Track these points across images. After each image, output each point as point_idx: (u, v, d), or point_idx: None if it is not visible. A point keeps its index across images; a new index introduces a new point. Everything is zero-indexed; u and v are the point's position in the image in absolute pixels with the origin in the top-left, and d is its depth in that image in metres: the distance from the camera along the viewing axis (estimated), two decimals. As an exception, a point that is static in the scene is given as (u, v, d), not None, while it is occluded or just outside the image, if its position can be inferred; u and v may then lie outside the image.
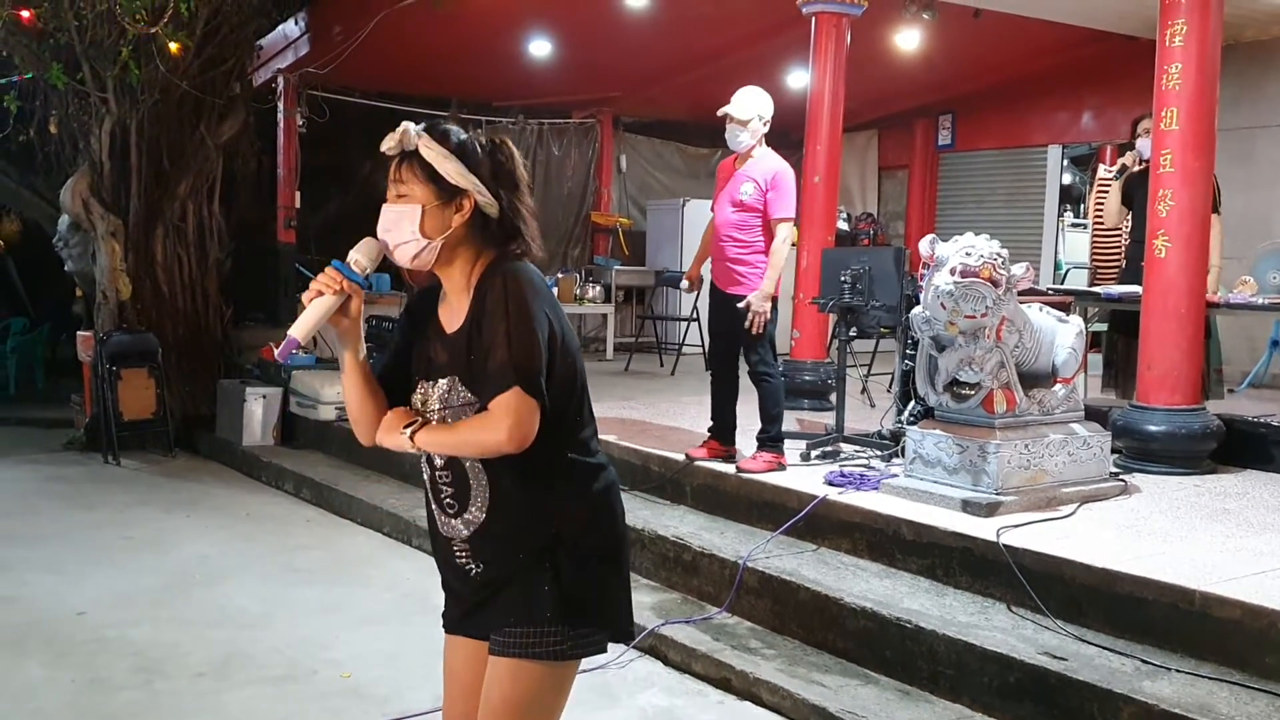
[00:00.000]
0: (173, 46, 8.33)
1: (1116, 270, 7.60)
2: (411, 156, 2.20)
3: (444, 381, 2.24)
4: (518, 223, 2.25)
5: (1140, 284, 6.29)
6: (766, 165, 5.39)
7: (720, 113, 5.41)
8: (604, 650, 2.33)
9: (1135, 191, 6.69)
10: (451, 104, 11.33)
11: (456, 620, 2.36)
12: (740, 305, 5.28)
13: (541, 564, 2.22)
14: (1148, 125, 6.53)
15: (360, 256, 2.23)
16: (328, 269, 2.22)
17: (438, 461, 2.27)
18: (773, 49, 9.17)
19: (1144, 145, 6.57)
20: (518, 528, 2.22)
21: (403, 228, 2.20)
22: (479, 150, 2.23)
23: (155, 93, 8.86)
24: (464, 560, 2.29)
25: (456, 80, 10.88)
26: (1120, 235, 7.64)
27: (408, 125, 2.21)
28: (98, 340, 8.61)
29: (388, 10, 8.11)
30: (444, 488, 2.28)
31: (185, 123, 9.30)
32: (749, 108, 5.36)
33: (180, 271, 9.44)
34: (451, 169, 2.19)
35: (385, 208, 2.23)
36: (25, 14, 7.73)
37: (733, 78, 5.80)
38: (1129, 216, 6.93)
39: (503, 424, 2.11)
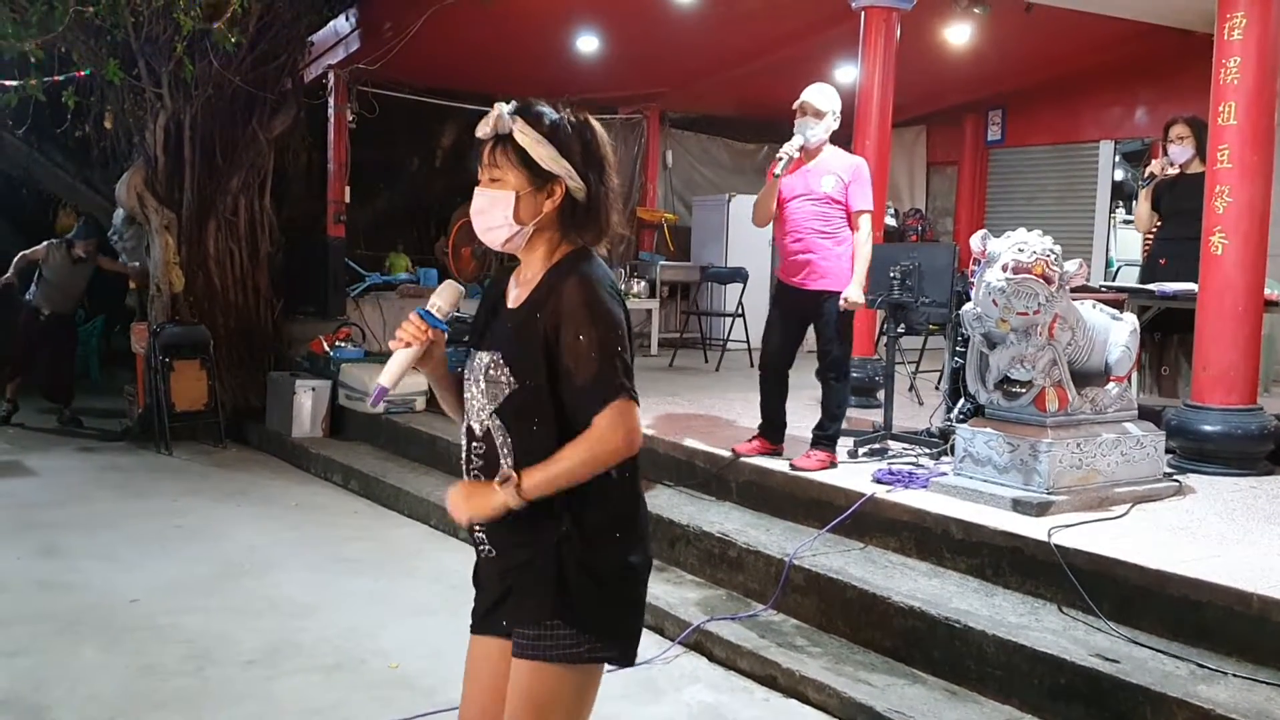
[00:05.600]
0: (241, 40, 8.40)
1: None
2: (506, 140, 2.19)
3: (487, 355, 2.23)
4: (603, 206, 2.23)
5: (1156, 281, 6.21)
6: (844, 159, 5.36)
7: (798, 104, 5.32)
8: (627, 665, 2.28)
9: (1164, 195, 6.59)
10: (498, 100, 11.34)
11: (480, 617, 2.36)
12: (842, 305, 5.22)
13: (550, 563, 2.18)
14: (1179, 132, 6.44)
15: (441, 302, 2.29)
16: (413, 317, 2.28)
17: (477, 432, 2.25)
18: (821, 44, 9.10)
19: (1175, 151, 6.46)
20: (529, 517, 2.17)
21: (495, 213, 2.20)
22: (570, 131, 2.21)
23: (209, 88, 8.99)
24: (479, 535, 2.27)
25: (504, 76, 10.88)
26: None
27: (502, 108, 2.19)
28: (151, 332, 8.74)
29: (437, 6, 8.14)
30: (474, 459, 2.26)
31: (238, 118, 9.42)
32: (828, 100, 5.30)
33: (232, 265, 9.57)
34: (545, 154, 2.17)
35: (478, 191, 2.23)
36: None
37: (780, 73, 5.78)
38: (1158, 220, 6.81)
39: (616, 435, 2.12)
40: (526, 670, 2.20)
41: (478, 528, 2.27)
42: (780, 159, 5.28)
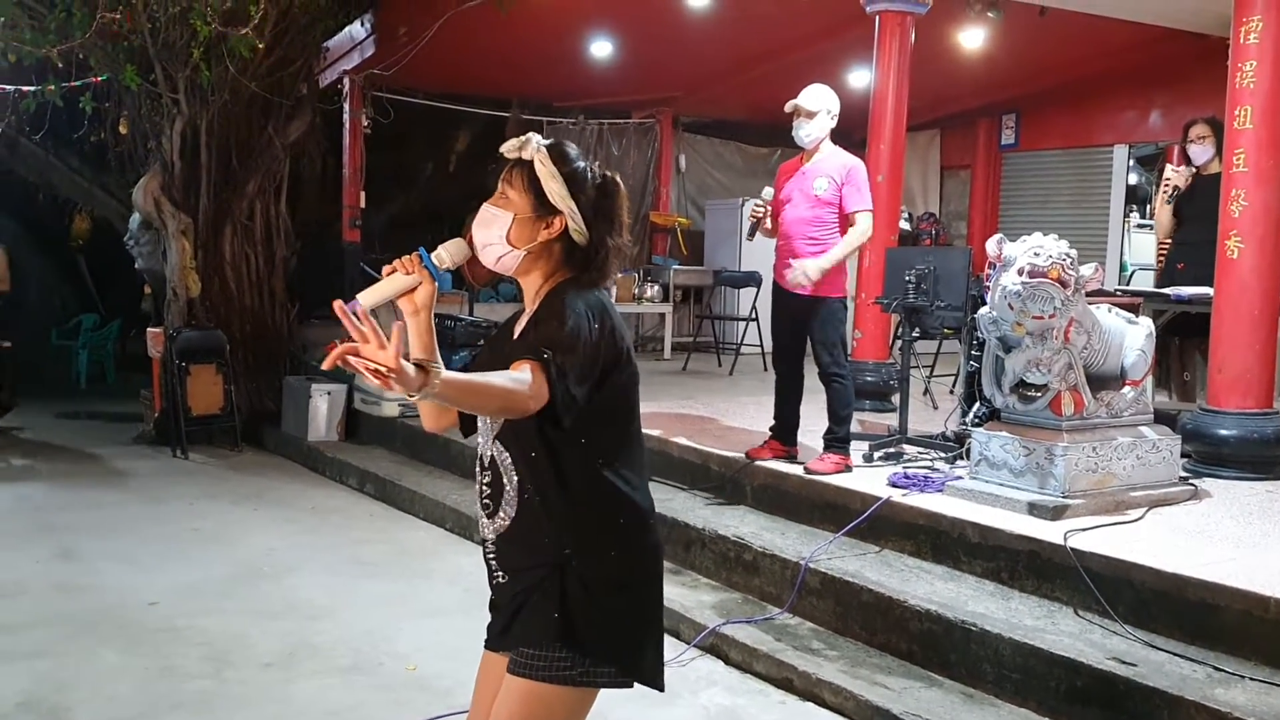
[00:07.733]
0: (259, 46, 8.46)
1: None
2: (525, 165, 2.26)
3: None
4: (601, 258, 2.28)
5: (1174, 285, 6.20)
6: (839, 160, 5.36)
7: (789, 106, 5.36)
8: (628, 685, 2.30)
9: (1184, 201, 6.57)
10: (513, 105, 11.41)
11: (494, 636, 2.38)
12: (793, 261, 5.25)
13: (552, 585, 2.21)
14: (1199, 132, 6.41)
15: (445, 252, 2.29)
16: (413, 253, 2.28)
17: (484, 461, 2.30)
18: (835, 48, 9.12)
19: (1196, 152, 6.44)
20: (534, 539, 2.23)
21: (493, 229, 2.27)
22: (589, 180, 2.28)
23: (225, 93, 9.03)
24: (492, 563, 2.32)
25: (518, 81, 10.95)
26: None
27: (533, 136, 2.28)
28: (168, 336, 8.79)
29: (453, 12, 8.18)
30: (484, 488, 2.31)
31: (254, 123, 9.48)
32: (818, 100, 5.33)
33: (248, 269, 9.62)
34: (555, 188, 2.23)
35: (484, 205, 2.30)
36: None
37: (794, 77, 5.77)
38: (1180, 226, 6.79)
39: (528, 387, 2.03)
40: (520, 688, 2.23)
41: (489, 553, 2.32)
42: (753, 217, 5.43)
